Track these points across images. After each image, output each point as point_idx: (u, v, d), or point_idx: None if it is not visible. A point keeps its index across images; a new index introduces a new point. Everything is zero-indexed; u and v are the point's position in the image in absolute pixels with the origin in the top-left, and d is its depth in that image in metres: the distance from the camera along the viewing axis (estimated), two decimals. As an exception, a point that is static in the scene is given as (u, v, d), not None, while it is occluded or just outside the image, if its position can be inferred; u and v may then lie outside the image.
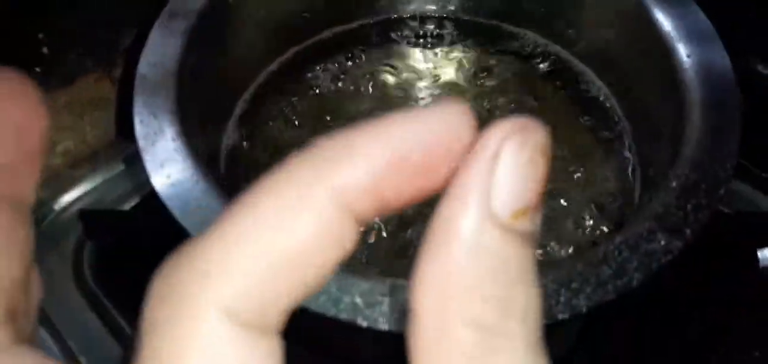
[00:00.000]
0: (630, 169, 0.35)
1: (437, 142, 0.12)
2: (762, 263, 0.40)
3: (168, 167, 0.28)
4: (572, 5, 0.39)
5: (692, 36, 0.32)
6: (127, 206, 0.44)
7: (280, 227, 0.11)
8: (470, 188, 0.12)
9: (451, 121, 0.12)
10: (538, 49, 0.41)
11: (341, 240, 0.12)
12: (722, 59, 0.31)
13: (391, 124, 0.12)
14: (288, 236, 0.11)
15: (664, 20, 0.33)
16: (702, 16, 0.33)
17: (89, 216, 0.41)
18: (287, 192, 0.11)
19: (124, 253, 0.41)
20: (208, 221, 0.26)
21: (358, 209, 0.12)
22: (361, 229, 0.12)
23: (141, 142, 0.28)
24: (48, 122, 0.14)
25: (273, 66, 0.40)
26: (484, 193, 0.12)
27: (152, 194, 0.43)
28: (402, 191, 0.12)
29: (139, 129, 0.29)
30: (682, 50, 0.31)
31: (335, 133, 0.12)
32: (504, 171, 0.12)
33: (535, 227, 0.12)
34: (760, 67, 0.49)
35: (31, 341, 0.14)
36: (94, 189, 0.46)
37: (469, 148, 0.12)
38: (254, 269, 0.11)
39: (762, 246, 0.40)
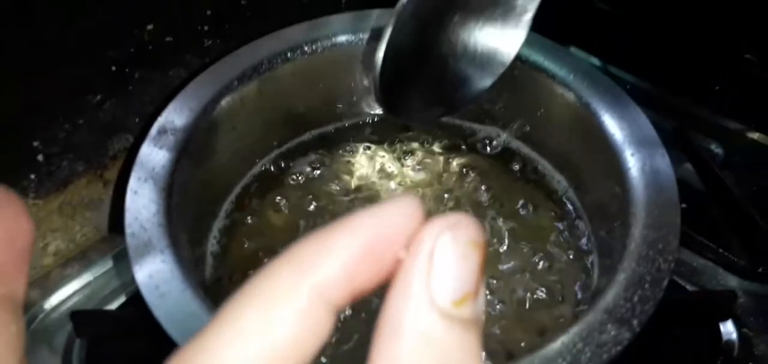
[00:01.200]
0: (589, 259, 0.38)
1: (395, 232, 0.14)
2: (724, 337, 0.42)
3: (156, 277, 0.30)
4: (530, 105, 0.43)
5: (635, 138, 0.35)
6: (116, 303, 0.45)
7: (267, 325, 0.13)
8: (411, 282, 0.13)
9: (404, 212, 0.14)
10: (501, 146, 0.44)
11: (321, 330, 0.13)
12: (663, 159, 0.34)
13: (356, 221, 0.14)
14: (275, 332, 0.13)
15: (610, 123, 0.36)
16: (644, 118, 0.36)
17: (79, 316, 0.42)
18: (272, 292, 0.13)
19: (113, 351, 0.42)
20: (193, 327, 0.28)
21: (335, 299, 0.13)
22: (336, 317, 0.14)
23: (132, 254, 0.30)
24: (33, 226, 0.16)
25: (255, 168, 0.43)
26: (424, 286, 0.13)
27: (138, 292, 0.45)
28: (370, 278, 0.14)
29: (130, 242, 0.31)
30: (627, 151, 0.34)
31: (308, 235, 0.14)
32: (440, 264, 0.13)
33: (476, 312, 0.13)
34: (712, 146, 0.53)
35: None
36: (84, 287, 0.47)
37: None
38: None
39: (723, 320, 0.42)
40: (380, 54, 0.30)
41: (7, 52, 0.44)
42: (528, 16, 0.34)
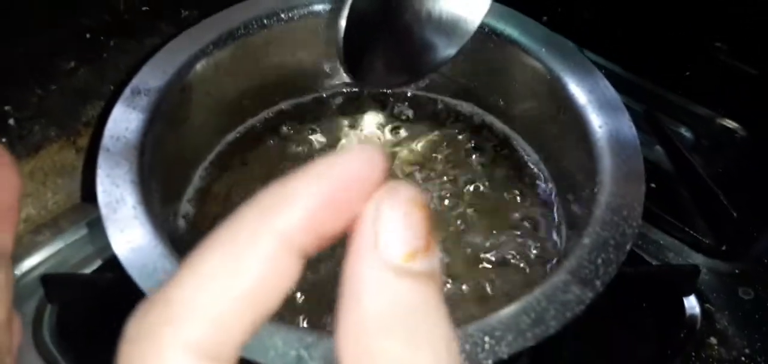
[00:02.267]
0: (557, 228, 0.39)
1: (356, 179, 0.14)
2: (688, 311, 0.43)
3: (128, 233, 0.30)
4: (502, 80, 0.43)
5: (603, 108, 0.36)
6: (87, 271, 0.45)
7: (234, 270, 0.13)
8: (362, 248, 0.14)
9: (365, 161, 0.14)
10: (474, 117, 0.45)
11: (287, 275, 0.14)
12: (629, 129, 0.35)
13: (319, 169, 0.14)
14: (241, 277, 0.13)
15: (579, 94, 0.37)
16: (612, 90, 0.37)
17: (50, 280, 0.42)
18: (238, 238, 0.13)
19: (84, 316, 0.42)
20: (164, 282, 0.28)
21: (300, 244, 0.14)
22: (303, 263, 0.14)
23: (103, 210, 0.30)
24: (20, 180, 0.16)
25: (230, 136, 0.43)
26: (374, 245, 0.14)
27: (113, 259, 0.44)
28: (333, 224, 0.14)
29: (101, 198, 0.31)
30: (595, 121, 0.35)
31: (277, 182, 0.14)
32: (385, 225, 0.14)
33: (431, 266, 0.14)
34: (681, 130, 0.54)
35: None
36: (55, 254, 0.47)
37: (381, 182, 0.14)
38: (213, 309, 0.13)
39: (687, 295, 0.43)
40: (343, 19, 0.30)
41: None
42: None
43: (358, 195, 0.14)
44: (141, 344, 0.13)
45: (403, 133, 0.45)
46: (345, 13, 0.31)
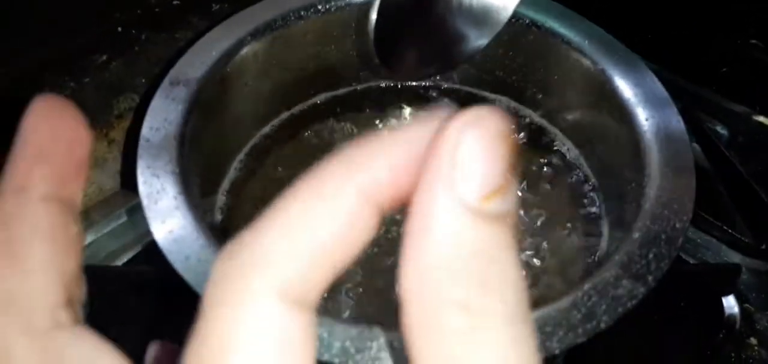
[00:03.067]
0: (599, 223, 0.38)
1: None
2: (727, 311, 0.42)
3: (170, 223, 0.30)
4: (542, 73, 0.43)
5: (650, 102, 0.35)
6: (119, 262, 0.45)
7: (319, 219, 0.13)
8: (436, 181, 0.13)
9: (445, 122, 0.13)
10: (513, 112, 0.44)
11: (366, 227, 0.14)
12: (677, 123, 0.34)
13: (403, 132, 0.14)
14: (325, 226, 0.13)
15: (624, 87, 0.36)
16: (658, 83, 0.36)
17: (84, 271, 0.42)
18: (323, 189, 0.14)
19: (117, 309, 0.42)
20: (206, 272, 0.27)
21: (380, 200, 0.14)
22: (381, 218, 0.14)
23: (145, 201, 0.30)
24: (90, 137, 0.17)
25: (266, 128, 0.43)
26: (450, 182, 0.13)
27: (145, 250, 0.44)
28: (413, 180, 0.13)
29: (142, 188, 0.31)
30: (641, 115, 0.35)
31: (358, 141, 0.14)
32: (465, 159, 0.13)
33: (506, 206, 0.13)
34: (717, 127, 0.53)
35: None
36: (88, 247, 0.47)
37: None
38: (300, 255, 0.13)
39: (726, 294, 0.42)
40: (375, 10, 0.30)
41: (17, 13, 0.44)
42: None
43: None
44: (228, 285, 0.13)
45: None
46: (376, 4, 0.31)
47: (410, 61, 0.37)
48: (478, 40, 0.36)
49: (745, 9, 0.57)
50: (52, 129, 0.17)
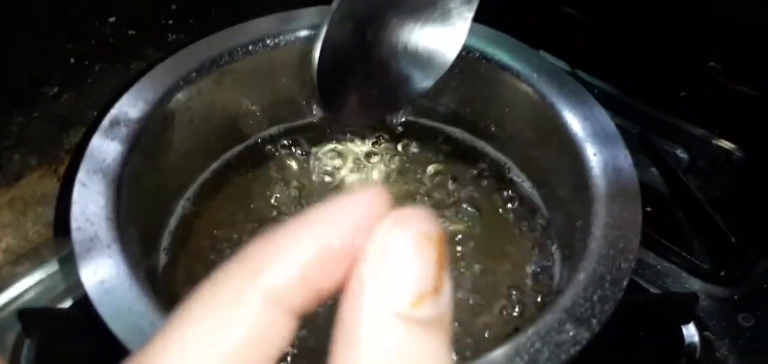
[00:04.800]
0: (550, 257, 0.37)
1: (357, 227, 0.13)
2: (686, 340, 0.42)
3: (102, 273, 0.29)
4: (493, 105, 0.42)
5: (598, 136, 0.35)
6: (68, 303, 0.43)
7: (221, 332, 0.12)
8: (363, 285, 0.12)
9: (367, 205, 0.13)
10: (466, 144, 0.44)
11: (277, 335, 0.12)
12: (625, 158, 0.34)
13: (312, 218, 0.13)
14: (229, 339, 0.12)
15: (573, 121, 0.36)
16: (606, 118, 0.36)
17: (28, 315, 0.40)
18: (222, 296, 0.12)
19: (63, 351, 0.41)
20: (138, 326, 0.26)
21: (293, 303, 0.12)
22: (297, 321, 0.13)
23: (77, 248, 0.29)
24: None
25: (215, 164, 0.42)
26: (377, 288, 0.12)
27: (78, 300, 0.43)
28: (331, 279, 0.13)
29: (75, 235, 0.30)
30: (589, 150, 0.34)
31: (264, 233, 0.13)
32: (392, 263, 0.12)
33: (439, 310, 0.12)
34: (677, 151, 0.53)
35: None
36: (35, 285, 0.46)
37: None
38: None
39: (686, 322, 0.42)
40: (316, 52, 0.30)
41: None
42: (466, 19, 0.34)
43: (357, 246, 0.13)
44: None
45: (393, 159, 0.44)
46: (318, 46, 0.30)
47: (354, 105, 0.36)
48: (422, 82, 0.36)
49: (704, 33, 0.58)
50: None
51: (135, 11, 0.58)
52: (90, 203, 0.31)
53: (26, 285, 0.45)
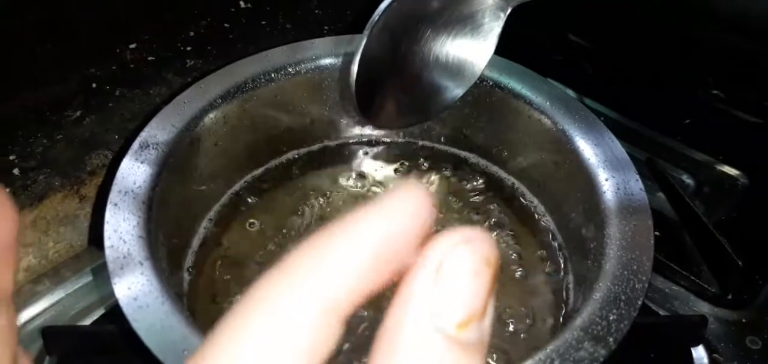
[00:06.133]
0: (563, 278, 0.38)
1: (405, 232, 0.13)
2: (696, 362, 0.43)
3: (135, 289, 0.30)
4: (507, 133, 0.44)
5: (610, 162, 0.36)
6: (89, 321, 0.44)
7: (276, 339, 0.12)
8: (414, 296, 0.12)
9: (413, 209, 0.13)
10: (481, 170, 0.45)
11: (331, 340, 0.12)
12: (636, 183, 0.35)
13: (362, 223, 0.13)
14: (284, 346, 0.12)
15: (585, 148, 0.37)
16: (618, 144, 0.37)
17: (50, 332, 0.41)
18: (279, 303, 0.12)
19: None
20: (171, 339, 0.27)
21: (346, 308, 0.12)
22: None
23: (111, 267, 0.30)
24: (17, 218, 0.16)
25: (237, 186, 0.43)
26: (428, 303, 0.12)
27: (114, 309, 0.44)
28: (380, 281, 0.13)
29: (109, 254, 0.31)
30: (602, 175, 0.36)
31: (315, 238, 0.13)
32: (447, 281, 0.12)
33: (481, 335, 0.12)
34: (683, 177, 0.54)
35: None
36: (56, 304, 0.46)
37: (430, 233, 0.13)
38: None
39: (695, 345, 0.43)
40: (355, 63, 0.31)
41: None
42: (495, 33, 0.35)
43: (405, 249, 0.13)
44: None
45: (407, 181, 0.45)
46: (357, 56, 0.32)
47: (389, 112, 0.38)
48: (453, 92, 0.37)
49: (708, 62, 0.59)
50: None
51: (155, 38, 0.59)
52: (122, 222, 0.32)
53: (46, 304, 0.46)
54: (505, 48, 0.44)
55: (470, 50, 0.36)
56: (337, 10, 0.64)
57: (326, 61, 0.43)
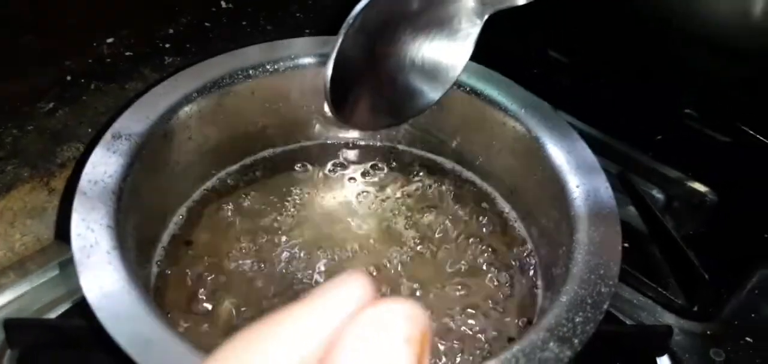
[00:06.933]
0: (533, 283, 0.39)
1: (336, 324, 0.12)
2: (661, 371, 0.43)
3: (101, 279, 0.29)
4: (481, 137, 0.44)
5: (580, 169, 0.37)
6: (53, 315, 0.43)
7: None
8: None
9: (353, 297, 0.13)
10: (454, 175, 0.46)
11: None
12: (606, 190, 0.36)
13: (304, 315, 0.13)
14: None
15: (557, 154, 0.38)
16: (589, 151, 0.38)
17: (12, 324, 0.40)
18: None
19: (46, 363, 0.40)
20: (136, 331, 0.27)
21: None
22: None
23: (76, 255, 0.30)
24: None
25: (210, 182, 0.43)
26: None
27: (80, 303, 0.43)
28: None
29: (75, 242, 0.30)
30: (572, 181, 0.36)
31: (246, 335, 0.12)
32: (366, 360, 0.12)
33: None
34: (653, 192, 0.56)
35: None
36: (21, 297, 0.45)
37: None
38: None
39: (661, 354, 0.43)
40: (330, 62, 0.31)
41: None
42: (472, 39, 0.36)
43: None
44: None
45: (381, 186, 0.45)
46: (332, 55, 0.32)
47: (363, 112, 0.38)
48: (429, 95, 0.37)
49: (681, 81, 0.61)
50: None
51: (132, 33, 0.59)
52: (90, 210, 0.31)
53: (10, 297, 0.45)
54: (483, 58, 0.44)
55: (447, 55, 0.36)
56: (317, 13, 0.64)
57: (305, 60, 0.43)
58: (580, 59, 0.64)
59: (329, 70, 0.32)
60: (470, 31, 0.35)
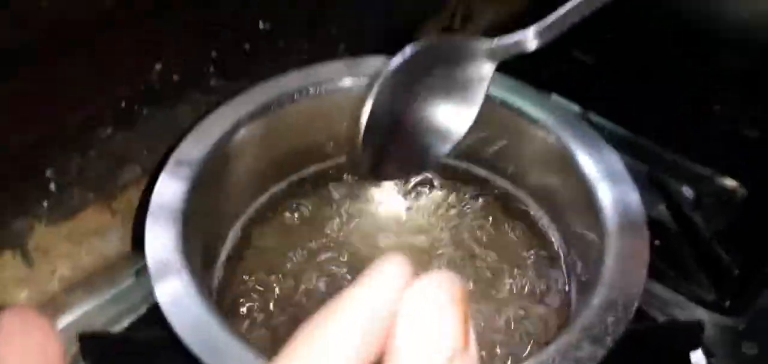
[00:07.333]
0: (565, 286, 0.41)
1: (390, 302, 0.14)
2: (694, 365, 0.45)
3: (175, 293, 0.32)
4: (513, 147, 0.46)
5: (609, 177, 0.39)
6: (118, 327, 0.46)
7: None
8: (399, 352, 0.13)
9: (395, 280, 0.14)
10: (488, 183, 0.48)
11: None
12: (634, 196, 0.38)
13: (348, 305, 0.14)
14: None
15: (586, 163, 0.40)
16: (617, 159, 0.40)
17: (85, 337, 0.44)
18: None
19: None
20: (209, 340, 0.30)
21: None
22: None
23: (152, 273, 0.33)
24: (61, 345, 0.16)
25: (261, 199, 0.46)
26: (413, 353, 0.13)
27: (143, 316, 0.46)
28: (374, 353, 0.14)
29: (150, 262, 0.34)
30: (602, 189, 0.38)
31: (306, 330, 0.13)
32: (424, 328, 0.13)
33: (470, 362, 0.13)
34: (683, 189, 0.57)
35: None
36: (88, 312, 0.48)
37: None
38: None
39: (693, 349, 0.45)
40: (363, 120, 0.35)
41: (26, 88, 0.47)
42: (483, 85, 0.39)
43: (389, 323, 0.14)
44: None
45: (419, 196, 0.48)
46: (365, 114, 0.35)
47: (390, 167, 0.41)
48: (441, 148, 0.40)
49: (709, 77, 0.61)
50: (23, 343, 0.15)
51: (179, 59, 0.62)
52: (162, 234, 0.35)
53: (79, 312, 0.48)
54: (509, 63, 0.46)
55: (457, 113, 0.39)
56: (354, 31, 0.66)
57: (346, 82, 0.46)
58: (605, 58, 0.65)
59: (362, 129, 0.35)
60: (482, 79, 0.38)
